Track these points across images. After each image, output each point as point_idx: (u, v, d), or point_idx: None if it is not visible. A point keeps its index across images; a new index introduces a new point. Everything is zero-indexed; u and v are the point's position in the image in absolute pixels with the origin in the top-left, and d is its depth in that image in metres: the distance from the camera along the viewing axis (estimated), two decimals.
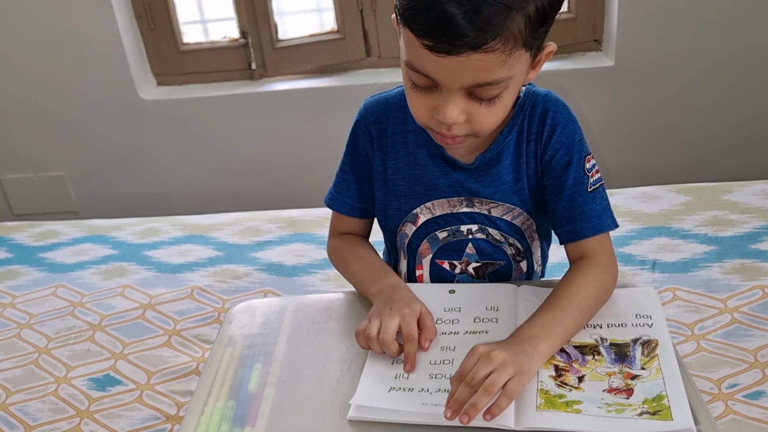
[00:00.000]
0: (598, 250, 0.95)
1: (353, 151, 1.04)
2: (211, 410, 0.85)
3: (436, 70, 0.80)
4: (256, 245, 1.68)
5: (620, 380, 0.81)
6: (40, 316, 1.49)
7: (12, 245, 1.80)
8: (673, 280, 1.38)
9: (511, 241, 1.02)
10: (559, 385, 0.81)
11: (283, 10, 2.20)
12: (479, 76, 0.79)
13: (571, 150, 0.95)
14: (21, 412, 1.25)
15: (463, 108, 0.83)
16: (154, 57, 2.26)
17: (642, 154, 2.21)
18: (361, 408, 0.81)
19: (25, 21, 2.11)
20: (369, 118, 1.02)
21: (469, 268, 1.04)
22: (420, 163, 0.99)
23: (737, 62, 2.05)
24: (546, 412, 0.77)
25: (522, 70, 0.83)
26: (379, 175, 1.02)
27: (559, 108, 0.95)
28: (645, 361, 0.83)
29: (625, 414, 0.76)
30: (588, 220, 0.94)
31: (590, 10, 2.12)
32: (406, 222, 1.03)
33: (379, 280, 0.99)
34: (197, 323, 1.42)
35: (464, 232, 1.01)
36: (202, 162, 2.32)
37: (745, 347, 1.20)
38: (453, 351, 0.88)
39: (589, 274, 0.92)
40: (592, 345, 0.87)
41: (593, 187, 0.95)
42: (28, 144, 2.33)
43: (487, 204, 0.99)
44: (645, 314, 0.91)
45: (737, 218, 1.54)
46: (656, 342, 0.86)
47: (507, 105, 0.86)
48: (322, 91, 2.19)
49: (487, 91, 0.81)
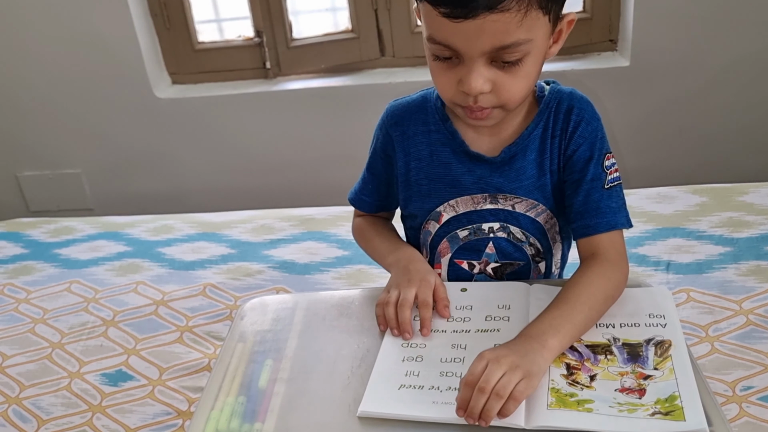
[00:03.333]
0: (610, 248, 0.94)
1: (374, 153, 1.08)
2: (221, 405, 0.85)
3: (455, 37, 0.81)
4: (269, 243, 1.68)
5: (633, 380, 0.81)
6: (54, 311, 1.50)
7: (27, 241, 1.82)
8: (688, 282, 1.36)
9: (531, 240, 1.02)
10: (570, 384, 0.80)
11: (297, 9, 2.20)
12: (498, 38, 0.80)
13: (593, 146, 0.96)
14: (34, 406, 1.26)
15: (487, 76, 0.84)
16: (170, 56, 2.27)
17: (657, 154, 2.19)
18: (369, 408, 0.81)
19: (41, 20, 2.13)
20: (390, 121, 1.04)
21: (488, 268, 1.04)
22: (443, 162, 1.00)
23: (753, 62, 2.03)
24: (557, 410, 0.77)
25: (541, 35, 0.84)
26: (402, 177, 1.04)
27: (584, 105, 0.97)
28: (658, 362, 0.83)
29: (638, 414, 0.75)
30: (602, 216, 0.94)
31: (605, 10, 2.10)
32: (430, 220, 1.04)
33: (396, 250, 1.03)
34: (209, 320, 1.43)
35: (486, 231, 1.02)
36: (216, 160, 2.33)
37: (760, 349, 1.18)
38: (464, 349, 0.88)
39: (599, 272, 0.92)
40: (604, 344, 0.86)
41: (610, 184, 0.96)
42: (44, 142, 2.35)
43: (511, 200, 0.99)
44: (658, 314, 0.90)
45: (753, 220, 1.52)
46: (669, 342, 0.85)
47: (531, 73, 0.87)
48: (336, 90, 2.19)
49: (508, 54, 0.82)
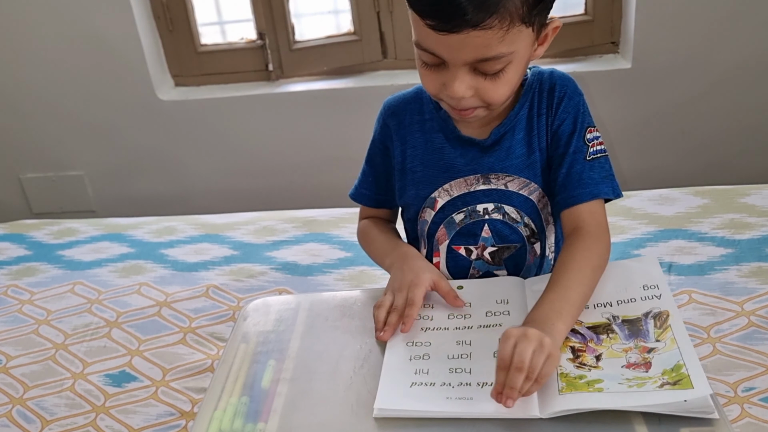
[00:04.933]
0: (590, 220, 0.96)
1: (373, 145, 1.11)
2: (224, 405, 0.86)
3: (439, 47, 0.85)
4: (272, 245, 1.69)
5: (637, 355, 0.82)
6: (57, 312, 1.51)
7: (31, 243, 1.82)
8: (690, 283, 1.37)
9: (526, 220, 1.04)
10: (578, 367, 0.81)
11: (300, 11, 2.21)
12: (480, 51, 0.84)
13: (576, 120, 0.99)
14: (38, 406, 1.26)
15: (470, 83, 0.88)
16: (173, 58, 2.28)
17: (659, 156, 2.20)
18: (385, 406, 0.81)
19: (45, 22, 2.14)
20: (387, 112, 1.08)
21: (485, 253, 1.06)
22: (437, 147, 1.03)
23: (755, 65, 2.03)
24: (569, 395, 0.77)
25: (525, 45, 0.87)
26: (398, 165, 1.07)
27: (566, 81, 1.00)
28: (659, 333, 0.84)
29: (647, 387, 0.77)
30: (584, 187, 0.97)
31: (607, 13, 2.11)
32: (425, 208, 1.06)
33: (393, 250, 1.05)
34: (212, 321, 1.43)
35: (480, 213, 1.04)
36: (219, 162, 2.34)
37: (761, 351, 1.18)
38: (470, 345, 0.89)
39: (583, 247, 0.94)
40: (605, 324, 0.88)
41: (593, 156, 0.98)
42: (47, 144, 2.36)
43: (503, 178, 1.01)
44: (652, 284, 0.91)
45: (754, 221, 1.52)
46: (667, 313, 0.86)
47: (512, 79, 0.90)
48: (339, 92, 2.20)
49: (490, 66, 0.86)
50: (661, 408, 0.74)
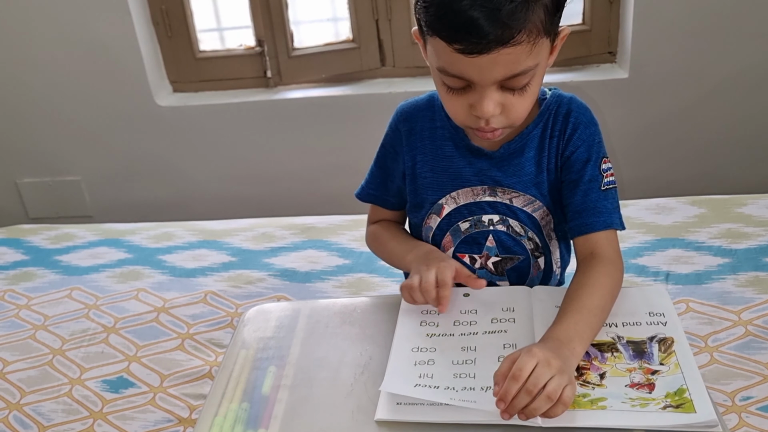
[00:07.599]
0: (607, 246, 0.98)
1: (383, 148, 1.13)
2: (225, 411, 0.86)
3: (469, 69, 0.85)
4: (270, 251, 1.69)
5: (641, 375, 0.83)
6: (55, 317, 1.51)
7: (28, 248, 1.82)
8: (687, 292, 1.37)
9: (530, 235, 1.05)
10: (582, 384, 0.82)
11: (299, 19, 2.22)
12: (510, 68, 0.85)
13: (591, 149, 1.00)
14: (35, 412, 1.26)
15: (498, 100, 0.89)
16: (171, 64, 2.28)
17: (656, 165, 2.21)
18: (390, 405, 0.81)
19: (43, 27, 2.14)
20: (400, 118, 1.09)
21: (488, 262, 1.07)
22: (447, 155, 1.05)
23: (752, 75, 2.05)
24: (572, 411, 0.78)
25: (545, 56, 0.89)
26: (408, 171, 1.08)
27: (582, 110, 1.02)
28: (663, 357, 0.85)
29: (649, 408, 0.77)
30: (599, 215, 0.98)
31: (605, 22, 2.12)
32: (431, 214, 1.07)
33: (414, 248, 1.06)
34: (210, 327, 1.43)
35: (486, 223, 1.05)
36: (217, 168, 2.34)
37: (759, 360, 1.19)
38: (474, 351, 0.90)
39: (604, 272, 0.95)
40: (609, 342, 0.89)
41: (606, 186, 1.00)
42: (44, 149, 2.36)
43: (509, 193, 1.03)
44: (658, 312, 0.93)
45: (751, 231, 1.53)
46: (672, 339, 0.88)
47: (535, 91, 0.92)
48: (337, 99, 2.20)
49: (518, 81, 0.87)
50: (665, 428, 0.75)
